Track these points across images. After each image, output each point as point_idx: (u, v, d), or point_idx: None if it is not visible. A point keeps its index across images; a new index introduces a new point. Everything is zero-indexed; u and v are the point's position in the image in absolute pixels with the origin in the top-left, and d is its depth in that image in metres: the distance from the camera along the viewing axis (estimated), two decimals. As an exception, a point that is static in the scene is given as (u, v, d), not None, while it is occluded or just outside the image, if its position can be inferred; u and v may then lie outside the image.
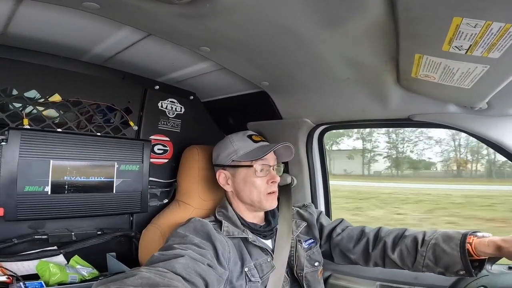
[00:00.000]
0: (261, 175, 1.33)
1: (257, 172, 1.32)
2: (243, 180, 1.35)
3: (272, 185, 1.34)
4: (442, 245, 1.16)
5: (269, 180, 1.34)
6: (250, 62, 1.29)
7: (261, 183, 1.33)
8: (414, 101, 1.30)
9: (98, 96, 1.47)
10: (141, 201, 1.51)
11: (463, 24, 0.67)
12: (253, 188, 1.33)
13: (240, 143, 1.38)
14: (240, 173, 1.36)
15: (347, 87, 1.35)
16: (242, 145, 1.37)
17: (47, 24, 1.11)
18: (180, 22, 1.01)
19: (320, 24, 0.91)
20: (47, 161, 1.26)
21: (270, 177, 1.34)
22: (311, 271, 1.36)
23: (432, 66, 0.92)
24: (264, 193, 1.33)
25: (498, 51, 0.74)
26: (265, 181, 1.33)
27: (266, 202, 1.33)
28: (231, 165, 1.38)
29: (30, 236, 1.29)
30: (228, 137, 1.43)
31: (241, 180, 1.35)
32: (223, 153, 1.40)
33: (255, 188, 1.32)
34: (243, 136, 1.41)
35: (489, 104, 1.15)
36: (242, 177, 1.35)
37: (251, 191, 1.33)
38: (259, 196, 1.32)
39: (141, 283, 0.74)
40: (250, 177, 1.33)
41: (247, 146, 1.36)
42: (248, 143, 1.38)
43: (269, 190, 1.33)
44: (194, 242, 1.08)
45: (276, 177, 1.35)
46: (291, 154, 1.42)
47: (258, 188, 1.32)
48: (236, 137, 1.41)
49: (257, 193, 1.32)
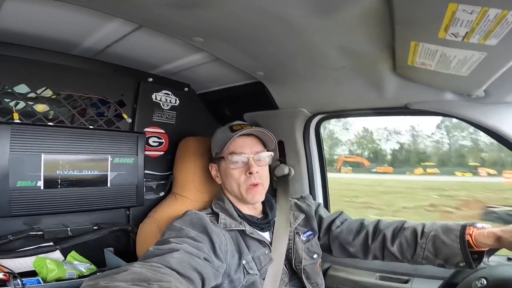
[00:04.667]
0: (235, 166, 1.31)
1: (230, 164, 1.31)
2: (224, 173, 1.34)
3: (250, 176, 1.30)
4: (441, 236, 1.16)
5: (246, 171, 1.30)
6: (245, 52, 1.27)
7: (239, 174, 1.30)
8: (411, 89, 1.29)
9: (90, 90, 1.45)
10: (136, 194, 1.50)
11: (459, 10, 0.66)
12: (232, 180, 1.31)
13: (221, 135, 1.37)
14: (221, 166, 1.36)
15: (343, 76, 1.34)
16: (221, 137, 1.35)
17: (34, 18, 1.09)
18: (171, 12, 0.99)
19: (313, 12, 0.90)
20: (39, 155, 1.25)
21: (247, 168, 1.30)
22: (310, 264, 1.35)
23: (428, 54, 0.91)
24: (243, 186, 1.30)
25: (495, 38, 0.73)
26: (243, 172, 1.30)
27: (247, 195, 1.30)
28: (216, 157, 1.38)
29: (25, 233, 1.28)
30: (217, 130, 1.42)
31: (223, 173, 1.35)
32: (212, 146, 1.41)
33: (233, 180, 1.31)
34: (226, 127, 1.38)
35: (487, 92, 1.14)
36: (223, 170, 1.35)
37: (231, 184, 1.32)
38: (238, 189, 1.30)
39: (132, 278, 0.72)
40: (227, 169, 1.32)
41: (224, 137, 1.33)
42: (226, 133, 1.34)
43: (249, 182, 1.29)
44: (190, 236, 1.07)
45: (252, 168, 1.29)
46: (271, 138, 1.35)
47: (237, 181, 1.30)
48: (221, 129, 1.40)
49: (236, 186, 1.31)
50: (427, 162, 19.08)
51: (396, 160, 20.88)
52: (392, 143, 21.84)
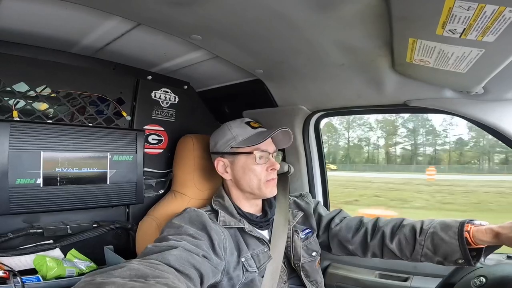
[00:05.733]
0: (261, 162, 1.31)
1: (257, 159, 1.30)
2: (243, 168, 1.33)
3: (271, 172, 1.33)
4: (440, 233, 1.16)
5: (268, 167, 1.32)
6: (243, 50, 1.27)
7: (261, 170, 1.31)
8: (410, 86, 1.29)
9: (89, 88, 1.45)
10: (136, 192, 1.50)
11: (456, 6, 0.65)
12: (253, 176, 1.31)
13: (239, 130, 1.35)
14: (239, 161, 1.33)
15: (342, 73, 1.34)
16: (240, 132, 1.35)
17: (33, 16, 1.09)
18: (169, 10, 0.99)
19: (312, 8, 0.90)
20: (38, 152, 1.25)
21: (270, 164, 1.32)
22: (309, 261, 1.35)
23: (426, 51, 0.91)
24: (263, 181, 1.31)
25: (492, 34, 0.73)
26: (265, 168, 1.32)
27: (266, 189, 1.32)
28: (230, 152, 1.35)
29: (25, 230, 1.28)
30: (225, 124, 1.40)
31: (241, 168, 1.33)
32: (221, 141, 1.37)
33: (255, 175, 1.31)
34: (241, 123, 1.38)
35: (485, 89, 1.13)
36: (242, 165, 1.33)
37: (251, 179, 1.31)
38: (258, 183, 1.31)
39: (130, 274, 0.72)
40: (250, 164, 1.31)
41: (245, 133, 1.34)
42: (247, 129, 1.35)
43: (269, 177, 1.32)
44: (189, 233, 1.07)
45: (276, 164, 1.33)
46: (290, 139, 1.39)
47: (258, 176, 1.31)
48: (234, 124, 1.38)
49: (257, 181, 1.31)
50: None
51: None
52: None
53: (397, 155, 18.69)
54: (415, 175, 15.78)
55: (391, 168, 18.71)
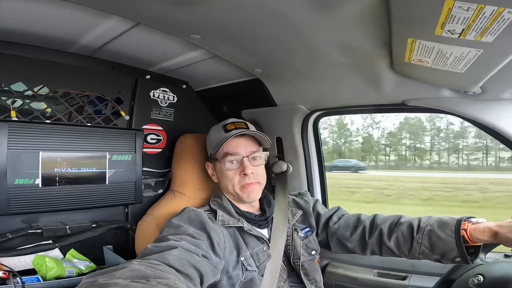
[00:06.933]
0: (231, 167, 1.31)
1: (225, 164, 1.31)
2: (220, 173, 1.35)
3: (244, 177, 1.31)
4: (437, 231, 1.15)
5: (241, 172, 1.31)
6: (242, 49, 1.27)
7: (233, 175, 1.31)
8: (408, 86, 1.29)
9: (87, 87, 1.45)
10: (135, 191, 1.50)
11: (455, 7, 0.66)
12: (227, 181, 1.32)
13: (215, 134, 1.37)
14: (216, 166, 1.37)
15: (341, 73, 1.34)
16: (215, 136, 1.36)
17: (31, 16, 1.09)
18: (168, 9, 0.98)
19: (311, 8, 0.90)
20: (36, 153, 1.24)
21: (242, 169, 1.31)
22: (308, 260, 1.35)
23: (425, 51, 0.91)
24: (238, 186, 1.31)
25: (491, 35, 0.73)
26: (238, 173, 1.31)
27: (243, 194, 1.31)
28: (211, 157, 1.39)
29: (24, 231, 1.28)
30: (212, 128, 1.42)
31: (218, 173, 1.36)
32: (207, 146, 1.42)
33: (228, 180, 1.32)
34: (220, 126, 1.38)
35: (483, 89, 1.14)
36: (218, 170, 1.36)
37: (226, 184, 1.33)
38: (233, 189, 1.31)
39: (131, 275, 0.72)
40: (222, 170, 1.33)
41: (218, 137, 1.34)
42: (220, 134, 1.34)
43: (243, 183, 1.30)
44: (189, 233, 1.07)
45: (247, 169, 1.29)
46: (265, 138, 1.36)
47: (231, 181, 1.31)
48: (215, 128, 1.40)
49: (231, 186, 1.31)
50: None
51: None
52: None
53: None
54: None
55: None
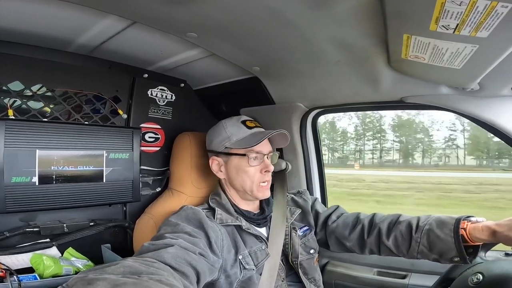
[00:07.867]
0: (254, 164, 1.30)
1: (250, 161, 1.29)
2: (236, 168, 1.32)
3: (265, 174, 1.31)
4: (435, 230, 1.14)
5: (262, 169, 1.31)
6: (240, 47, 1.27)
7: (254, 172, 1.30)
8: (406, 83, 1.29)
9: (85, 86, 1.45)
10: (132, 189, 1.51)
11: (448, 1, 0.65)
12: (246, 177, 1.30)
13: (233, 129, 1.34)
14: (232, 161, 1.33)
15: (338, 70, 1.33)
16: (235, 131, 1.33)
17: (29, 15, 1.09)
18: (165, 8, 0.98)
19: (307, 5, 0.90)
20: (33, 151, 1.25)
21: (264, 166, 1.31)
22: (307, 259, 1.35)
23: (421, 47, 0.90)
24: (256, 183, 1.30)
25: (486, 30, 0.72)
26: (259, 170, 1.31)
27: (258, 192, 1.31)
28: (224, 152, 1.34)
29: (21, 229, 1.28)
30: (221, 122, 1.39)
31: (234, 168, 1.32)
32: (216, 139, 1.36)
33: (248, 177, 1.30)
34: (237, 121, 1.37)
35: (481, 85, 1.13)
36: (235, 165, 1.32)
37: (244, 180, 1.31)
38: (251, 185, 1.30)
39: (123, 271, 0.71)
40: (243, 166, 1.30)
41: (240, 133, 1.33)
42: (242, 129, 1.34)
43: (262, 180, 1.31)
44: (186, 231, 1.06)
45: (270, 167, 1.32)
46: (287, 141, 1.38)
47: (251, 178, 1.30)
48: (230, 122, 1.37)
49: (249, 183, 1.30)
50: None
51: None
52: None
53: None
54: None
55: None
